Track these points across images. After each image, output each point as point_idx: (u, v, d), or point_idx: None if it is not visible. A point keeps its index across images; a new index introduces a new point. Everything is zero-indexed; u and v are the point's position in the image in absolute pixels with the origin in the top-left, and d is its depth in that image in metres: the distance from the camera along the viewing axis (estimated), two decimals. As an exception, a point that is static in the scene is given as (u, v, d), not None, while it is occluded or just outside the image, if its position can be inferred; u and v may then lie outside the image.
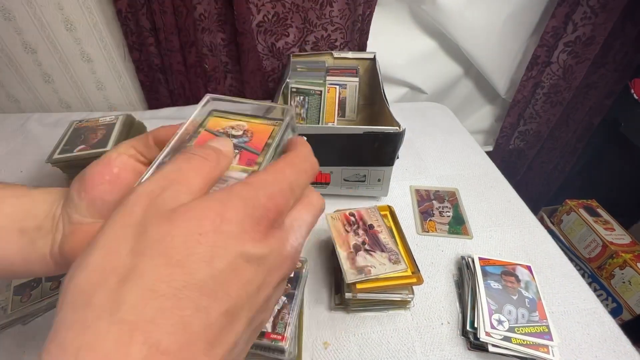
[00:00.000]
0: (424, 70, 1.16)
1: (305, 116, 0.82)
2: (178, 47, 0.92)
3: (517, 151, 1.35)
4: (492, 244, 0.66)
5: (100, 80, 1.04)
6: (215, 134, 0.26)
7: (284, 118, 0.28)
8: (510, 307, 0.51)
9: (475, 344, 0.49)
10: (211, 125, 0.27)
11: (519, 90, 1.17)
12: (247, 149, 0.26)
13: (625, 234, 1.04)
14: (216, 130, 0.26)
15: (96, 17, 0.92)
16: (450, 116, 1.04)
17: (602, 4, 0.98)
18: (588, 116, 1.18)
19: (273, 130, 0.27)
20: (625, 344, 0.51)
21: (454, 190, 0.77)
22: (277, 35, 0.97)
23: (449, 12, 1.00)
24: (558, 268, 0.61)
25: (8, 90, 1.05)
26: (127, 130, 0.63)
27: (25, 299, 0.52)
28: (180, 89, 1.02)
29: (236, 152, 0.25)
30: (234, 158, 0.25)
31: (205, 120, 0.27)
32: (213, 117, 0.28)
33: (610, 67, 1.08)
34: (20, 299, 0.52)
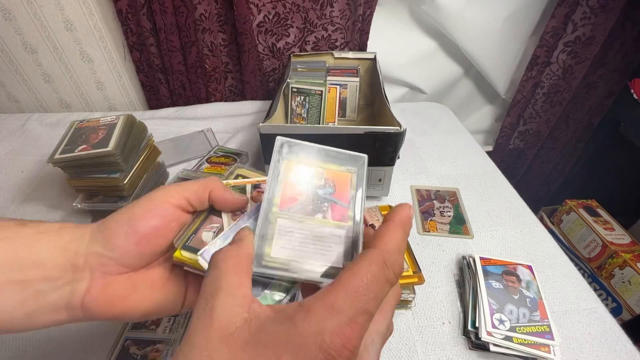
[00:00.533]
0: (424, 70, 1.16)
1: (306, 116, 0.82)
2: (178, 47, 0.92)
3: (517, 151, 1.36)
4: (493, 243, 0.66)
5: (101, 80, 1.04)
6: (300, 184, 0.26)
7: (360, 166, 0.28)
8: (511, 306, 0.51)
9: (476, 344, 0.49)
10: (289, 172, 0.27)
11: (518, 90, 1.18)
12: (336, 202, 0.26)
13: (625, 234, 1.04)
14: (298, 180, 0.26)
15: (96, 17, 0.92)
16: (451, 116, 1.05)
17: (601, 4, 0.98)
18: (588, 116, 1.18)
19: (351, 179, 0.27)
20: (626, 344, 0.51)
21: (454, 190, 0.77)
22: (278, 35, 0.97)
23: (449, 12, 1.00)
24: (559, 268, 0.61)
25: (8, 90, 1.05)
26: (128, 131, 0.63)
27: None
28: (180, 89, 1.02)
29: (326, 205, 0.26)
30: (327, 212, 0.25)
31: (278, 165, 0.26)
32: (286, 162, 0.27)
33: (610, 67, 1.09)
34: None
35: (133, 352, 0.47)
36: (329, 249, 0.24)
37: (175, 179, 0.67)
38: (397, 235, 0.22)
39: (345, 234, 0.25)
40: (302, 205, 0.26)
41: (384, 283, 0.20)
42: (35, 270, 0.23)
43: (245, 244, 0.23)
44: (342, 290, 0.19)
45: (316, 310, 0.18)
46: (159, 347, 0.47)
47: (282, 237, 0.24)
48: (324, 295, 0.19)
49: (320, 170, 0.27)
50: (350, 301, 0.18)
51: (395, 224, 0.22)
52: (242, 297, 0.20)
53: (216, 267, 0.22)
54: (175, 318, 0.51)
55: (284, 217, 0.25)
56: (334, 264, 0.24)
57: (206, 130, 0.93)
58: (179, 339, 0.48)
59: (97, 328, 0.51)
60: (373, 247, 0.21)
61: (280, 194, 0.25)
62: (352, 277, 0.19)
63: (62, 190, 0.73)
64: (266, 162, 0.67)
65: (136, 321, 0.49)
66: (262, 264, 0.23)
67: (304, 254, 0.24)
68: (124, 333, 0.49)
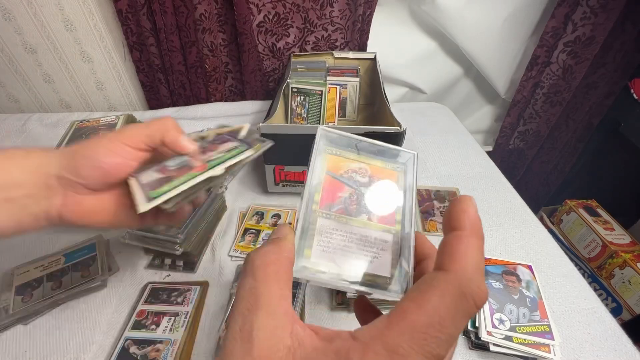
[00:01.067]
0: (424, 70, 1.16)
1: (306, 116, 0.82)
2: (178, 47, 0.92)
3: (517, 151, 1.36)
4: (493, 243, 0.66)
5: (101, 80, 1.04)
6: (342, 181, 0.24)
7: (407, 163, 0.25)
8: (511, 306, 0.51)
9: (476, 343, 0.49)
10: (331, 167, 0.24)
11: (518, 90, 1.18)
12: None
13: (625, 233, 1.04)
14: (340, 175, 0.24)
15: (96, 17, 0.92)
16: (451, 116, 1.05)
17: (601, 4, 0.98)
18: (588, 116, 1.19)
19: (398, 177, 0.24)
20: (626, 343, 0.51)
21: (454, 189, 0.77)
22: (278, 35, 0.97)
23: (449, 12, 1.00)
24: (559, 267, 0.61)
25: (8, 91, 1.05)
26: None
27: (26, 299, 0.52)
28: (180, 89, 1.02)
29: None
30: (372, 213, 0.23)
31: (319, 159, 0.24)
32: (329, 155, 0.24)
33: (610, 67, 1.09)
34: (21, 299, 0.52)
35: (133, 352, 0.47)
36: (375, 255, 0.22)
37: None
38: (473, 249, 0.17)
39: (392, 240, 0.22)
40: (345, 204, 0.23)
41: (461, 319, 0.16)
42: (17, 189, 0.30)
43: (286, 245, 0.20)
44: (408, 330, 0.15)
45: (375, 351, 0.15)
46: (159, 347, 0.47)
47: (322, 238, 0.22)
48: (383, 332, 0.16)
49: (364, 166, 0.25)
50: (418, 346, 0.15)
51: (467, 233, 0.18)
52: (284, 316, 0.18)
53: (253, 275, 0.19)
54: (175, 318, 0.51)
55: (324, 217, 0.23)
56: (381, 273, 0.22)
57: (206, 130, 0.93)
58: (180, 339, 0.48)
59: (97, 328, 0.51)
60: (443, 269, 0.17)
61: (321, 190, 0.23)
62: (420, 313, 0.16)
63: (62, 190, 0.73)
64: (266, 162, 0.67)
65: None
66: (302, 269, 0.21)
67: (347, 259, 0.22)
68: (124, 333, 0.49)
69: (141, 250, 0.62)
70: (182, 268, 0.59)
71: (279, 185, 0.71)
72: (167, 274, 0.59)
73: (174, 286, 0.55)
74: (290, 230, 0.21)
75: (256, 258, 0.19)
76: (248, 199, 0.73)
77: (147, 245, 0.58)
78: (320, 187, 0.23)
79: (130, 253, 0.62)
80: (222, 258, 0.61)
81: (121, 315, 0.53)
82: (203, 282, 0.57)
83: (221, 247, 0.63)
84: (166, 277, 0.58)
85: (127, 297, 0.55)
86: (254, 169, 0.81)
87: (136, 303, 0.53)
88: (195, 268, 0.59)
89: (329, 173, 0.24)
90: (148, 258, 0.61)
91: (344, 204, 0.23)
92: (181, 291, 0.55)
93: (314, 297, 0.56)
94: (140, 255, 0.61)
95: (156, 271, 0.59)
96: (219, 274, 0.58)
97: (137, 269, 0.59)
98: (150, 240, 0.57)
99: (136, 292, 0.55)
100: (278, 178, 0.69)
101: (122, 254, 0.62)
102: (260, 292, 0.18)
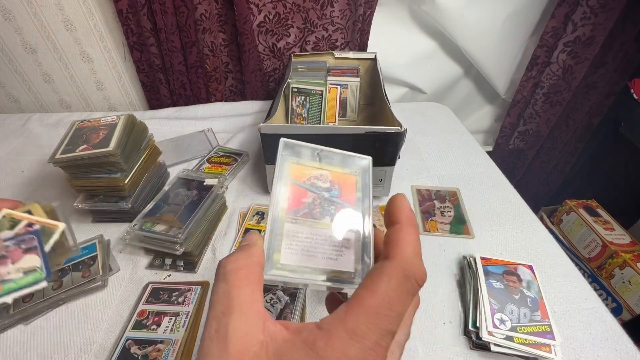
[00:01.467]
0: (424, 70, 1.16)
1: (306, 116, 0.82)
2: (179, 47, 0.92)
3: (517, 151, 1.36)
4: (493, 243, 0.66)
5: (101, 80, 1.04)
6: (305, 187, 0.26)
7: (364, 168, 0.27)
8: (512, 306, 0.51)
9: (477, 344, 0.49)
10: (294, 175, 0.26)
11: (518, 90, 1.18)
12: (343, 204, 0.26)
13: (625, 234, 1.04)
14: (303, 183, 0.26)
15: (96, 17, 0.92)
16: (451, 116, 1.05)
17: (601, 4, 0.98)
18: (588, 116, 1.19)
19: (356, 181, 0.27)
20: (626, 343, 0.51)
21: (455, 190, 0.77)
22: (278, 35, 0.97)
23: (449, 12, 1.00)
24: (559, 267, 0.61)
25: (8, 91, 1.04)
26: (129, 131, 0.63)
27: (27, 300, 0.52)
28: (180, 89, 1.02)
29: (333, 208, 0.25)
30: (335, 215, 0.25)
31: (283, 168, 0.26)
32: (292, 165, 0.26)
33: (610, 67, 1.09)
34: (22, 299, 0.52)
35: (134, 352, 0.47)
36: (339, 253, 0.24)
37: (176, 179, 0.67)
38: (410, 237, 0.20)
39: (355, 238, 0.25)
40: (309, 209, 0.25)
41: (406, 297, 0.19)
42: None
43: (255, 251, 0.22)
44: (363, 313, 0.18)
45: (338, 336, 0.17)
46: (160, 347, 0.47)
47: (290, 242, 0.24)
48: (343, 318, 0.18)
49: (325, 173, 0.27)
50: (373, 325, 0.17)
51: (404, 225, 0.21)
52: (256, 315, 0.19)
53: (225, 280, 0.20)
54: (176, 318, 0.51)
55: (291, 222, 0.24)
56: (346, 269, 0.23)
57: (207, 130, 0.93)
58: (180, 339, 0.48)
59: (98, 328, 0.51)
60: (388, 257, 0.19)
61: (287, 197, 0.25)
62: (372, 297, 0.18)
63: (63, 190, 0.73)
64: (266, 162, 0.67)
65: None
66: (272, 272, 0.22)
67: (314, 259, 0.23)
68: (125, 333, 0.49)
69: (142, 250, 0.62)
70: (183, 268, 0.59)
71: (279, 185, 0.71)
72: (168, 274, 0.59)
73: (175, 286, 0.55)
74: (258, 237, 0.23)
75: (227, 264, 0.21)
76: (249, 199, 0.73)
77: (148, 245, 0.58)
78: (286, 195, 0.25)
79: (130, 253, 0.62)
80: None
81: (122, 315, 0.53)
82: (204, 282, 0.57)
83: (222, 247, 0.63)
84: (167, 277, 0.58)
85: (128, 297, 0.55)
86: (254, 169, 0.81)
87: (137, 303, 0.53)
88: (196, 268, 0.59)
89: (292, 181, 0.26)
90: (149, 258, 0.61)
91: (309, 209, 0.25)
92: (182, 291, 0.55)
93: (315, 297, 0.56)
94: (141, 255, 0.61)
95: (157, 271, 0.59)
96: (220, 274, 0.58)
97: (137, 269, 0.59)
98: (151, 240, 0.57)
99: (137, 292, 0.55)
100: (278, 178, 0.69)
101: (123, 254, 0.62)
102: (232, 295, 0.19)
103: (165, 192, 0.64)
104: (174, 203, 0.61)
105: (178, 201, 0.62)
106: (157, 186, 0.71)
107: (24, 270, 0.38)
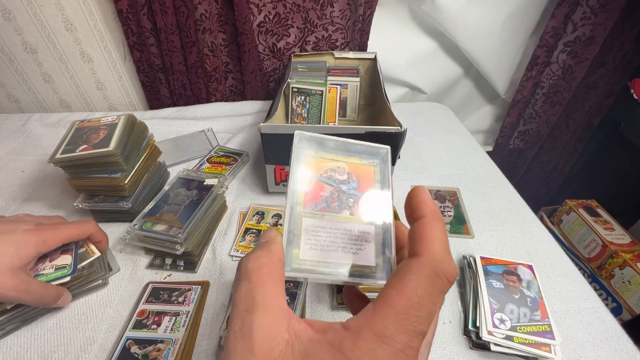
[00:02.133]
0: (424, 70, 1.16)
1: (307, 116, 0.82)
2: (179, 47, 0.92)
3: (517, 151, 1.36)
4: (493, 243, 0.66)
5: (101, 80, 1.04)
6: (322, 180, 0.25)
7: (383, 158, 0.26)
8: (512, 306, 0.51)
9: (477, 343, 0.49)
10: (311, 168, 0.25)
11: (518, 90, 1.18)
12: (362, 197, 0.25)
13: (625, 233, 1.04)
14: (320, 176, 0.25)
15: (96, 17, 0.92)
16: (451, 116, 1.05)
17: (601, 4, 0.98)
18: (588, 116, 1.19)
19: (375, 172, 0.26)
20: (627, 343, 0.51)
21: (455, 189, 0.77)
22: (278, 35, 0.97)
23: (449, 12, 1.00)
24: (559, 267, 0.61)
25: (8, 91, 1.05)
26: (129, 131, 0.63)
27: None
28: (181, 89, 1.02)
29: (352, 200, 0.25)
30: (354, 207, 0.24)
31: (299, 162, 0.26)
32: (308, 158, 0.26)
33: (610, 67, 1.09)
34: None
35: (134, 351, 0.47)
36: (359, 247, 0.23)
37: (176, 179, 0.67)
38: (438, 233, 0.19)
39: (375, 231, 0.24)
40: (327, 203, 0.24)
41: (437, 296, 0.18)
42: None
43: (275, 248, 0.21)
44: (392, 313, 0.17)
45: (365, 338, 0.17)
46: (160, 347, 0.47)
47: (309, 237, 0.23)
48: (371, 319, 0.17)
49: (342, 165, 0.26)
50: (402, 326, 0.17)
51: (429, 220, 0.20)
52: (280, 312, 0.19)
53: (248, 278, 0.20)
54: (176, 318, 0.51)
55: (309, 216, 0.24)
56: (367, 263, 0.23)
57: (207, 130, 0.93)
58: (181, 339, 0.48)
59: (98, 328, 0.51)
60: (416, 254, 0.19)
61: (304, 191, 0.24)
62: (401, 297, 0.17)
63: (63, 190, 0.73)
64: (266, 162, 0.67)
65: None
66: (293, 268, 0.22)
67: (334, 254, 0.23)
68: (125, 332, 0.49)
69: (142, 250, 0.62)
70: (183, 268, 0.59)
71: (279, 185, 0.71)
72: (168, 273, 0.59)
73: (175, 286, 0.56)
74: (277, 233, 0.23)
75: (249, 262, 0.20)
76: (249, 199, 0.73)
77: (148, 245, 0.58)
78: (303, 189, 0.24)
79: (130, 253, 0.62)
80: (223, 258, 0.61)
81: (122, 315, 0.53)
82: (204, 282, 0.57)
83: (222, 247, 0.63)
84: (167, 276, 0.58)
85: (128, 297, 0.55)
86: (254, 169, 0.81)
87: (137, 303, 0.53)
88: (196, 268, 0.59)
89: (310, 175, 0.25)
90: (149, 258, 0.61)
91: (327, 202, 0.24)
92: (182, 291, 0.55)
93: (315, 297, 0.56)
94: (141, 255, 0.61)
95: (157, 271, 0.59)
96: (220, 273, 0.58)
97: (137, 269, 0.59)
98: (151, 240, 0.57)
99: (137, 291, 0.56)
100: (279, 178, 0.70)
101: (123, 253, 0.62)
102: (256, 293, 0.19)
103: (165, 192, 0.64)
104: (174, 203, 0.61)
105: (178, 201, 0.62)
106: (157, 186, 0.71)
107: (56, 267, 0.48)
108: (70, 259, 0.50)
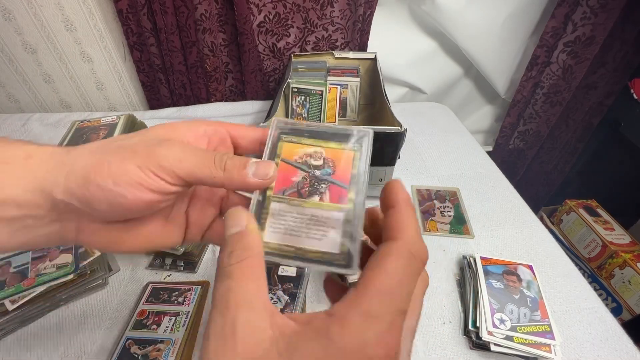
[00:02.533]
0: (424, 70, 1.16)
1: (306, 116, 0.82)
2: (179, 47, 0.92)
3: (517, 151, 1.36)
4: (493, 243, 0.66)
5: (101, 80, 1.04)
6: (295, 165, 0.25)
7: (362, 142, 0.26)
8: (512, 306, 0.51)
9: (477, 343, 0.49)
10: (286, 153, 0.25)
11: (518, 90, 1.18)
12: (335, 183, 0.25)
13: (625, 233, 1.04)
14: (295, 161, 0.25)
15: (96, 17, 0.92)
16: (451, 116, 1.05)
17: (601, 4, 0.98)
18: (588, 116, 1.19)
19: (354, 157, 0.25)
20: (626, 343, 0.51)
21: (455, 189, 0.77)
22: (278, 35, 0.97)
23: (449, 12, 1.00)
24: (559, 267, 0.61)
25: (8, 91, 1.05)
26: (129, 130, 0.63)
27: (27, 303, 0.52)
28: (181, 89, 1.02)
29: (324, 186, 0.24)
30: (325, 193, 0.24)
31: (278, 146, 0.26)
32: (285, 143, 0.26)
33: (610, 67, 1.09)
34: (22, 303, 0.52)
35: (134, 351, 0.47)
36: (324, 233, 0.23)
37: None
38: (410, 219, 0.20)
39: (344, 217, 0.24)
40: (298, 188, 0.24)
41: (414, 276, 0.19)
42: (14, 209, 0.22)
43: (253, 241, 0.21)
44: (376, 293, 0.17)
45: (352, 321, 0.17)
46: (160, 347, 0.47)
47: (275, 221, 0.24)
48: (356, 301, 0.17)
49: (319, 150, 0.26)
50: (387, 305, 0.17)
51: (402, 208, 0.21)
52: (263, 309, 0.18)
53: (229, 275, 0.19)
54: (176, 318, 0.51)
55: (277, 201, 0.24)
56: (329, 249, 0.23)
57: (206, 130, 0.93)
58: (180, 339, 0.48)
59: (98, 328, 0.51)
60: (393, 238, 0.20)
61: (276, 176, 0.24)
62: (384, 277, 0.18)
63: (63, 190, 0.73)
64: (267, 162, 0.67)
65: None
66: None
67: (298, 239, 0.23)
68: (125, 332, 0.49)
69: (142, 250, 0.62)
70: (183, 268, 0.59)
71: (279, 185, 0.71)
72: (168, 273, 0.59)
73: (175, 286, 0.56)
74: (250, 219, 0.22)
75: (230, 259, 0.20)
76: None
77: (148, 245, 0.58)
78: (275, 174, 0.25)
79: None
80: (222, 258, 0.61)
81: (122, 315, 0.53)
82: (204, 282, 0.57)
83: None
84: (167, 277, 0.58)
85: (128, 297, 0.55)
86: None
87: (137, 303, 0.53)
88: (196, 268, 0.59)
89: (282, 159, 0.25)
90: (149, 258, 0.61)
91: (297, 187, 0.25)
92: (182, 291, 0.55)
93: (315, 297, 0.56)
94: (141, 255, 0.61)
95: (157, 271, 0.59)
96: (220, 273, 0.58)
97: (137, 269, 0.59)
98: (151, 240, 0.57)
99: (137, 292, 0.55)
100: (278, 178, 0.69)
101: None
102: (238, 290, 0.19)
103: (165, 192, 0.64)
104: (174, 203, 0.61)
105: (178, 201, 0.62)
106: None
107: (58, 265, 0.50)
108: (71, 257, 0.50)
